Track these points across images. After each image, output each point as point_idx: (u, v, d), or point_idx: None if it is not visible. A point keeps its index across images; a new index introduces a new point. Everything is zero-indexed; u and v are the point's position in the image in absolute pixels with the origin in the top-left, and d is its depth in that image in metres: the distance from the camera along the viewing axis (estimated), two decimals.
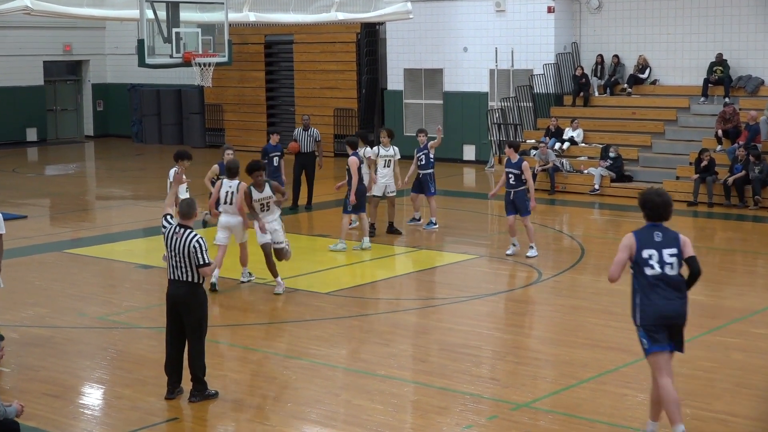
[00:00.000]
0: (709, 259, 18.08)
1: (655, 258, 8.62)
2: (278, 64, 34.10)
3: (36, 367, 11.46)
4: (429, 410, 10.09)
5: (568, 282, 15.47)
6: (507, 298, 15.00)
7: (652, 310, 8.62)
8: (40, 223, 21.35)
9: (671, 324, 8.62)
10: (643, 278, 8.63)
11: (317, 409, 10.09)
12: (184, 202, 10.48)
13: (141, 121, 37.49)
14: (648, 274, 8.62)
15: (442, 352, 12.01)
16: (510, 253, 16.92)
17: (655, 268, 8.59)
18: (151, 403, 10.20)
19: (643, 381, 10.75)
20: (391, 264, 17.18)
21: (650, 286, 8.61)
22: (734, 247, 18.84)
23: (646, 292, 8.64)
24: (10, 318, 13.08)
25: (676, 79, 26.57)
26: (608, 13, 27.55)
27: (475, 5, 28.80)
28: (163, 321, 10.39)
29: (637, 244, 8.68)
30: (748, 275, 16.40)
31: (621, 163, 24.14)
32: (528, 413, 9.89)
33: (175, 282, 10.14)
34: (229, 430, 9.70)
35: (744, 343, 12.09)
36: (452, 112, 29.74)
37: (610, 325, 12.98)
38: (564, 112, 26.97)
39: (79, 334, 12.93)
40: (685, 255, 8.73)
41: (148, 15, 16.25)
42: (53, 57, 37.42)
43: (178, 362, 10.30)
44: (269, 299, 14.58)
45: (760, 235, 19.82)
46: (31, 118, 37.02)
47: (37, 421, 9.57)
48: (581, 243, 18.23)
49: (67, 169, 31.75)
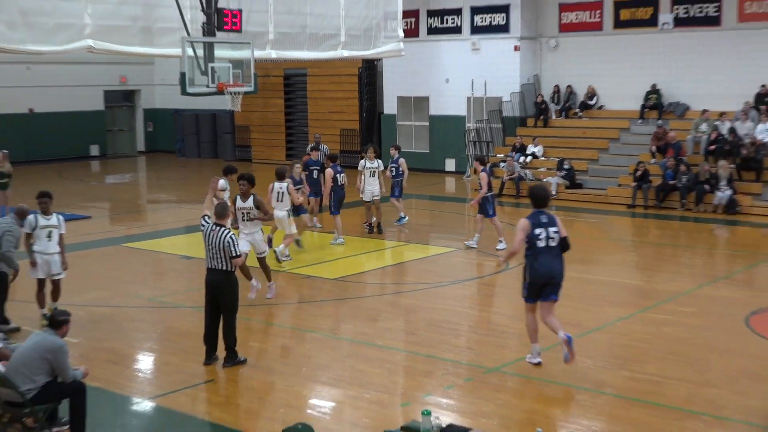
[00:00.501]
0: (644, 250, 18.18)
1: (543, 234, 9.76)
2: (295, 93, 34.10)
3: (99, 338, 11.53)
4: (417, 374, 10.17)
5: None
6: (480, 283, 15.07)
7: (540, 270, 9.75)
8: (101, 222, 21.39)
9: (553, 281, 9.78)
10: (535, 249, 9.72)
11: (327, 373, 10.16)
12: (219, 205, 10.52)
13: (183, 139, 37.49)
14: (538, 246, 9.73)
15: (428, 327, 12.06)
16: (468, 243, 17.08)
17: (543, 242, 9.73)
18: (193, 368, 10.26)
19: (591, 350, 10.83)
20: (385, 256, 17.23)
21: (539, 254, 9.73)
22: (664, 242, 18.91)
23: (537, 258, 9.75)
24: (79, 299, 13.13)
25: (618, 104, 26.58)
26: (563, 52, 27.59)
27: (455, 45, 28.83)
28: (202, 302, 10.44)
29: (531, 226, 9.76)
30: (675, 264, 16.46)
31: (573, 174, 24.20)
32: (497, 376, 9.97)
33: (212, 270, 10.21)
34: (254, 389, 9.74)
35: (672, 319, 12.15)
36: (436, 131, 29.76)
37: (564, 305, 12.90)
38: (527, 132, 26.99)
39: (134, 312, 12.99)
40: (562, 233, 9.85)
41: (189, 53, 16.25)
42: (112, 87, 37.42)
43: (214, 335, 10.36)
44: (288, 285, 14.63)
45: (686, 231, 19.88)
46: (94, 137, 37.06)
47: (101, 382, 9.63)
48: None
49: (123, 179, 31.78)
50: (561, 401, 9.18)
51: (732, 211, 20.90)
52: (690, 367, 10.17)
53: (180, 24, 17.17)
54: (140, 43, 17.91)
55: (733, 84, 24.08)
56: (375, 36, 22.60)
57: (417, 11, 29.25)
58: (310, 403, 9.29)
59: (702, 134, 23.06)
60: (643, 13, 25.78)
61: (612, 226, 20.62)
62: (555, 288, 9.86)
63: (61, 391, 8.12)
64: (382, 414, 8.80)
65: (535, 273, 9.77)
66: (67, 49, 16.79)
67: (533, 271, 9.78)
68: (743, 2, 24.00)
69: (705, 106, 24.09)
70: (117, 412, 9.06)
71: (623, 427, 8.44)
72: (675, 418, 8.63)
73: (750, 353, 10.70)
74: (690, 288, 14.07)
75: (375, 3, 22.38)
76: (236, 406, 9.24)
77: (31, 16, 15.88)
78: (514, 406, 9.10)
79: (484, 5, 28.10)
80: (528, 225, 9.74)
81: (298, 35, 20.55)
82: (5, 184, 20.14)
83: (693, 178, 21.65)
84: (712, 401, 9.12)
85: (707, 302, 13.11)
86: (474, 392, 9.48)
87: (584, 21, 26.96)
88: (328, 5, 21.00)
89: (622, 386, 9.57)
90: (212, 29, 17.03)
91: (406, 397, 9.38)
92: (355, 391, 9.48)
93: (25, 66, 33.09)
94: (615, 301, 13.26)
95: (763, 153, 21.83)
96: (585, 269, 15.62)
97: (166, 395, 9.50)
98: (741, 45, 24.14)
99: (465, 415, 8.75)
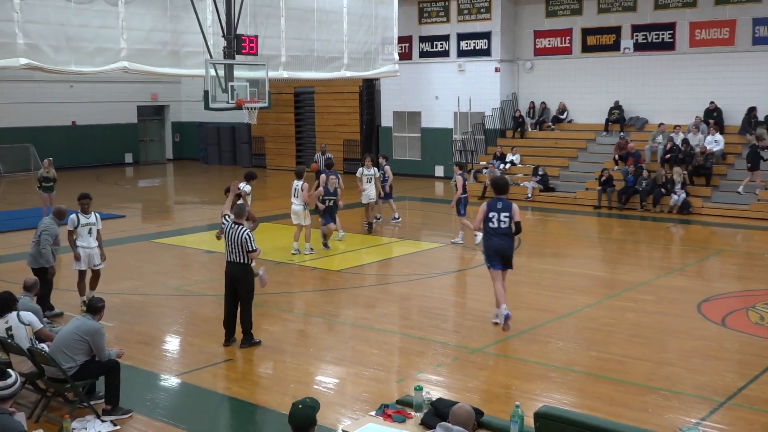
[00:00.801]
0: (608, 246, 18.15)
1: (495, 218, 10.63)
2: (303, 108, 34.02)
3: (132, 322, 11.48)
4: (410, 353, 10.12)
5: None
6: (466, 274, 15.02)
7: (491, 246, 10.77)
8: (134, 220, 21.32)
9: (502, 254, 10.75)
10: (487, 228, 10.73)
11: (331, 353, 10.11)
12: (237, 207, 10.47)
13: (206, 148, 37.40)
14: (490, 227, 10.69)
15: (420, 313, 12.03)
16: (452, 241, 17.16)
17: (494, 224, 10.65)
18: (214, 349, 10.22)
19: (563, 333, 10.80)
20: (382, 250, 17.19)
21: (491, 233, 10.72)
22: (626, 238, 18.87)
23: (489, 237, 10.78)
24: (114, 288, 13.09)
25: (585, 119, 26.57)
26: (538, 72, 27.55)
27: (444, 67, 28.78)
28: (222, 291, 10.39)
29: (487, 209, 10.67)
30: (636, 258, 16.43)
31: (547, 179, 24.16)
32: (480, 356, 9.92)
33: (231, 263, 10.16)
34: (269, 367, 9.69)
35: (634, 306, 12.12)
36: (427, 142, 29.70)
37: (539, 293, 13.02)
38: (506, 142, 26.94)
39: (162, 299, 12.93)
40: (515, 219, 10.62)
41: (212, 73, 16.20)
42: (144, 102, 37.36)
43: (232, 320, 10.31)
44: (298, 276, 14.59)
45: (645, 229, 19.84)
46: (128, 146, 37.00)
47: (133, 361, 9.60)
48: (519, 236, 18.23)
49: (153, 183, 31.69)
50: (536, 378, 9.13)
51: (685, 212, 20.90)
52: (649, 348, 10.12)
53: (204, 48, 17.12)
54: (169, 64, 17.87)
55: (686, 101, 24.12)
56: (374, 59, 22.58)
57: (410, 37, 29.19)
58: (317, 380, 9.23)
59: (658, 144, 23.04)
60: (607, 39, 25.76)
61: (580, 225, 20.58)
62: (505, 260, 10.82)
63: (98, 368, 8.08)
64: (380, 389, 8.75)
65: (487, 247, 10.87)
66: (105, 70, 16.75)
67: (486, 246, 10.92)
68: (694, 29, 24.00)
69: (661, 119, 24.15)
70: (147, 388, 8.99)
71: (591, 401, 8.39)
72: (637, 393, 8.58)
73: (702, 335, 10.66)
74: (649, 278, 14.03)
75: (374, 30, 22.36)
76: (252, 383, 9.18)
77: (74, 41, 15.86)
78: (495, 382, 9.05)
79: (468, 32, 28.08)
80: (485, 208, 10.71)
81: (307, 58, 20.52)
82: (51, 188, 20.10)
83: (651, 182, 21.63)
84: (669, 378, 9.07)
85: (664, 291, 13.06)
86: (460, 370, 9.43)
87: (556, 46, 26.92)
88: (333, 32, 20.98)
89: (589, 365, 9.52)
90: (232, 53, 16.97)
91: (400, 374, 9.33)
92: (356, 369, 9.43)
93: (69, 85, 33.38)
94: (583, 290, 13.21)
95: (711, 161, 21.82)
96: (557, 262, 15.60)
97: (190, 372, 9.46)
98: (692, 67, 24.15)
99: (452, 390, 8.70)
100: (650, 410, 8.13)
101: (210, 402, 8.72)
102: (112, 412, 8.02)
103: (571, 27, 26.48)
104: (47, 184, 20.03)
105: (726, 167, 22.21)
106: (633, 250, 17.27)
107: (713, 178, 21.81)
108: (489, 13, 27.55)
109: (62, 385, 8.00)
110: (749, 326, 11.10)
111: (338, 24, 21.36)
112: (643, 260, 16.24)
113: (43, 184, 20.07)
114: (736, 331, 10.89)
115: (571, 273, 14.65)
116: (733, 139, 22.86)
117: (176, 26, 17.69)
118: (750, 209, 20.51)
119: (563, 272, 14.64)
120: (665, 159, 22.48)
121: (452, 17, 28.48)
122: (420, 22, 29.27)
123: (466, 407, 5.35)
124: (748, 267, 15.28)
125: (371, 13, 22.45)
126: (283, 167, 32.70)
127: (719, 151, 22.20)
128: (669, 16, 24.45)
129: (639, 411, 8.10)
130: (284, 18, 19.69)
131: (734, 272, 14.95)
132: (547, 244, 17.62)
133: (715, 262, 15.93)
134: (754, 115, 22.69)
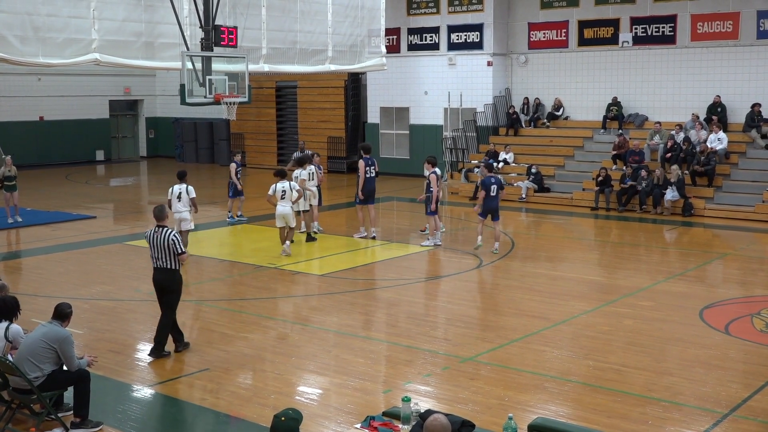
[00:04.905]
0: (606, 249, 18.20)
1: (494, 188, 15.66)
2: (286, 103, 33.97)
3: (102, 329, 11.41)
4: (398, 362, 10.10)
5: (502, 267, 15.50)
6: (456, 279, 15.00)
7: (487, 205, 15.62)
8: (106, 221, 21.19)
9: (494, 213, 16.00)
10: (488, 194, 15.70)
11: (314, 362, 10.07)
12: (156, 209, 10.45)
13: (182, 145, 37.26)
14: (490, 194, 15.64)
15: (408, 319, 11.99)
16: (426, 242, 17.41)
17: (493, 192, 15.64)
18: (189, 358, 10.16)
19: (558, 341, 10.81)
20: (368, 254, 17.16)
21: (488, 197, 15.69)
22: (624, 241, 18.92)
23: (486, 199, 15.57)
24: (84, 293, 13.01)
25: (582, 115, 26.66)
26: (532, 67, 27.62)
27: (434, 60, 28.80)
28: (197, 296, 10.36)
29: (488, 181, 15.74)
30: (634, 262, 16.47)
31: (541, 178, 24.21)
32: (472, 365, 9.91)
33: (159, 269, 10.21)
34: (248, 377, 9.64)
35: (633, 312, 12.13)
36: (416, 139, 29.71)
37: (533, 299, 13.02)
38: (499, 140, 26.98)
39: (135, 305, 12.86)
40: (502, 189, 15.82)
41: (188, 66, 16.17)
42: (116, 97, 37.21)
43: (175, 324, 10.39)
44: (279, 280, 14.54)
45: (644, 232, 19.92)
46: (99, 143, 36.79)
47: (104, 370, 9.52)
48: (512, 238, 18.27)
49: (126, 182, 31.53)
50: (531, 388, 9.13)
51: (687, 214, 20.97)
52: (649, 357, 10.14)
53: (180, 39, 17.09)
54: (143, 56, 17.82)
55: (687, 97, 24.25)
56: (360, 51, 22.61)
57: (398, 29, 29.20)
58: (299, 390, 9.19)
59: (658, 143, 23.12)
60: (605, 32, 25.85)
61: (577, 227, 20.64)
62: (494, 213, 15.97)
63: (66, 378, 8.02)
64: (366, 400, 8.72)
65: (486, 207, 15.90)
66: (75, 62, 16.69)
67: (485, 205, 15.91)
68: (696, 22, 24.12)
69: (661, 117, 24.27)
70: (118, 399, 8.93)
71: (588, 412, 8.40)
72: (636, 404, 8.60)
73: (703, 344, 10.69)
74: (648, 284, 14.06)
75: (360, 21, 22.38)
76: (230, 393, 9.13)
77: (42, 32, 15.79)
78: (487, 393, 9.04)
79: (459, 24, 28.11)
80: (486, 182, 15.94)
81: (289, 50, 20.51)
82: (14, 186, 19.96)
83: (651, 182, 21.70)
84: (669, 388, 9.09)
85: (664, 297, 13.10)
86: (450, 380, 9.41)
87: (551, 39, 26.99)
88: (317, 23, 20.99)
89: (586, 374, 9.54)
90: (210, 45, 16.95)
91: (387, 385, 9.30)
92: (341, 379, 9.40)
93: (37, 77, 33.24)
94: (580, 296, 13.24)
95: (714, 161, 21.92)
96: (552, 266, 15.62)
97: (164, 383, 9.40)
98: (694, 61, 24.26)
99: (442, 401, 8.68)
100: (650, 422, 8.14)
101: (185, 414, 8.67)
102: (81, 425, 7.96)
103: (568, 19, 26.57)
104: (9, 183, 19.92)
105: (729, 167, 22.32)
106: (632, 254, 17.32)
107: (716, 179, 21.90)
108: (481, 4, 27.59)
109: (28, 396, 7.93)
110: (754, 334, 11.15)
111: (322, 15, 21.37)
112: (643, 264, 16.29)
113: (6, 183, 19.96)
114: (740, 339, 10.93)
115: (567, 278, 14.67)
116: (736, 137, 22.99)
117: (151, 16, 17.64)
118: (754, 211, 20.62)
119: (559, 277, 14.66)
120: (666, 158, 22.57)
121: (442, 8, 28.50)
122: (409, 13, 29.29)
123: (441, 420, 5.05)
124: (752, 272, 15.36)
125: (357, 3, 22.47)
126: (264, 165, 32.62)
127: (722, 150, 22.30)
128: (670, 9, 24.56)
129: (638, 423, 8.11)
130: (265, 8, 19.67)
131: (738, 277, 15.03)
132: (542, 248, 17.65)
133: (718, 266, 16.00)
134: (758, 111, 22.82)
